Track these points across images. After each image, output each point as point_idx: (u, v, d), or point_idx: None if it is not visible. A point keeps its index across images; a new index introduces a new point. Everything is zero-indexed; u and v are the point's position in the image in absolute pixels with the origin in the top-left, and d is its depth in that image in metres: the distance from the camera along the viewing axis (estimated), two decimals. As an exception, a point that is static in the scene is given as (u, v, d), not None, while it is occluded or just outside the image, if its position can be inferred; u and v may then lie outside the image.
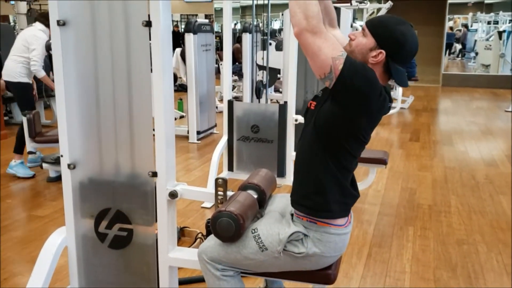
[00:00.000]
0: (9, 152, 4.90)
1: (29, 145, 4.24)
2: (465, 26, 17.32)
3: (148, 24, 1.69)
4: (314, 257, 1.62)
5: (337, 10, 4.60)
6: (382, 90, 1.53)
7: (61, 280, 2.41)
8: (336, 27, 1.84)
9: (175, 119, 6.16)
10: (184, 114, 6.60)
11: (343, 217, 1.65)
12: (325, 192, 1.60)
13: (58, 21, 1.77)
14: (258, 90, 4.86)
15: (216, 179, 1.81)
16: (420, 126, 6.78)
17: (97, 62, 1.79)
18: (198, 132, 5.79)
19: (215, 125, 6.26)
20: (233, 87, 8.35)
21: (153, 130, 1.79)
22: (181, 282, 2.35)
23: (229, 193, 1.81)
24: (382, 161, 3.43)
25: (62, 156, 1.89)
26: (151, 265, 1.91)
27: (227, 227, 1.61)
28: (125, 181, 1.87)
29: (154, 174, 1.80)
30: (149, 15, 1.69)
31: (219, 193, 1.81)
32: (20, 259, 2.78)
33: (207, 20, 6.47)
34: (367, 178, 3.56)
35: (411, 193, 3.97)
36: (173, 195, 1.81)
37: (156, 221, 1.86)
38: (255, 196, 1.80)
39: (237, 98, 7.19)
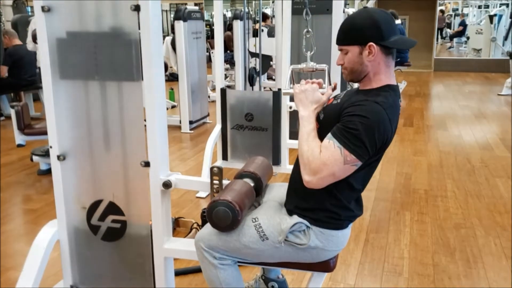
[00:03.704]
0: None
1: (18, 138, 4.16)
2: (442, 12, 16.86)
3: (137, 8, 1.63)
4: (315, 249, 1.59)
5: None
6: (393, 119, 1.48)
7: (55, 274, 2.36)
8: None
9: (167, 108, 6.08)
10: (175, 103, 6.52)
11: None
12: (332, 210, 1.57)
13: (42, 7, 1.70)
14: (251, 78, 4.79)
15: (211, 168, 1.76)
16: (413, 111, 6.76)
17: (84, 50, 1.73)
18: (191, 122, 5.73)
19: (208, 115, 6.19)
20: (225, 76, 8.26)
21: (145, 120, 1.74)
22: (177, 273, 2.31)
23: (225, 182, 1.76)
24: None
25: (51, 147, 1.84)
26: (146, 256, 1.87)
27: (224, 216, 1.56)
28: (117, 172, 1.82)
29: (147, 164, 1.75)
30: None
31: (215, 182, 1.77)
32: (12, 253, 2.73)
33: (197, 7, 6.36)
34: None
35: (406, 178, 3.95)
36: (166, 185, 1.76)
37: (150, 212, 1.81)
38: (252, 184, 1.76)
39: (230, 87, 7.10)
